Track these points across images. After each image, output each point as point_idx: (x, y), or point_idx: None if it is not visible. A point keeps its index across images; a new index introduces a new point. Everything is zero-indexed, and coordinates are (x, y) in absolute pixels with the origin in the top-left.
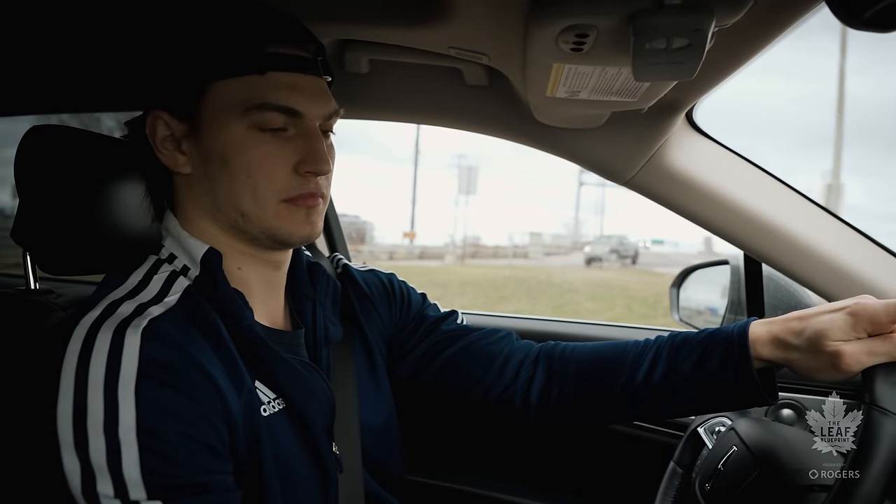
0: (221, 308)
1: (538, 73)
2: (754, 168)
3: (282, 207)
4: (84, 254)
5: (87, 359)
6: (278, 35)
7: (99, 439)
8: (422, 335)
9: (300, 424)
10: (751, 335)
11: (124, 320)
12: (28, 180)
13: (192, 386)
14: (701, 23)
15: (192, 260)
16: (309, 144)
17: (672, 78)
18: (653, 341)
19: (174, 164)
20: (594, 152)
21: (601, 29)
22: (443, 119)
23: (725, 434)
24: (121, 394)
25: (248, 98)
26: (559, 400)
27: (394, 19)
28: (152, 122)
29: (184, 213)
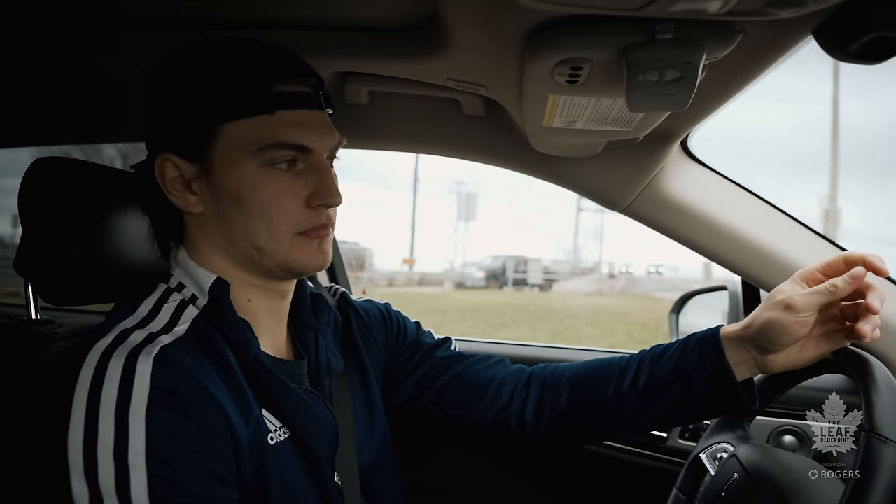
0: (229, 337)
1: (535, 104)
2: (749, 195)
3: (296, 240)
4: (86, 284)
5: (99, 384)
6: (283, 73)
7: (108, 464)
8: (417, 363)
9: (305, 453)
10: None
11: (136, 347)
12: (32, 211)
13: (202, 413)
14: (692, 56)
15: (201, 290)
16: (319, 178)
17: (665, 109)
18: (636, 354)
19: (185, 205)
20: (591, 180)
21: (595, 62)
22: (441, 148)
23: (727, 461)
24: (131, 420)
25: (260, 137)
26: (551, 417)
27: (393, 52)
28: (161, 165)
29: (194, 248)
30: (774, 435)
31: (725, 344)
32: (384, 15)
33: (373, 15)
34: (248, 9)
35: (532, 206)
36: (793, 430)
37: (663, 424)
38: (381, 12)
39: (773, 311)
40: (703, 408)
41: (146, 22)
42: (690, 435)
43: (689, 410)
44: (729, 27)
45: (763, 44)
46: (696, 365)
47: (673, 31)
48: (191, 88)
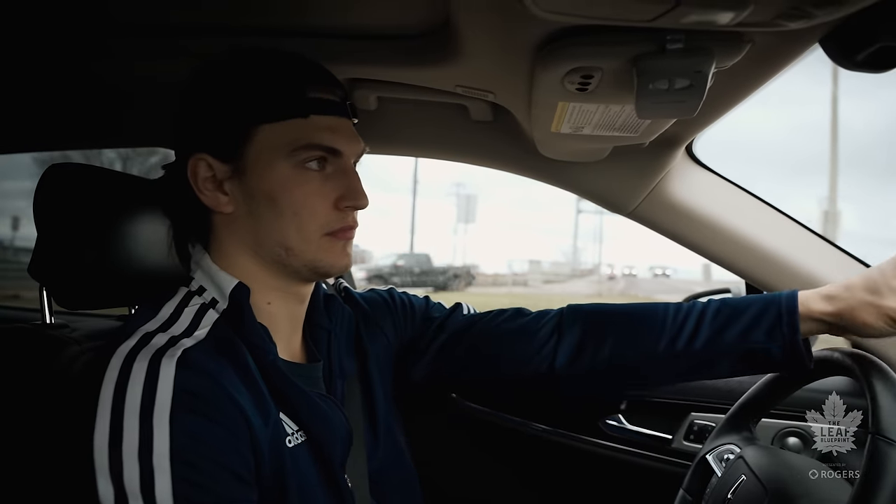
0: (247, 341)
1: (543, 110)
2: (754, 199)
3: (324, 241)
4: (100, 288)
5: (123, 386)
6: (316, 81)
7: (133, 465)
8: (431, 336)
9: (320, 456)
10: (801, 296)
11: (159, 350)
12: (47, 217)
13: (224, 416)
14: (702, 65)
15: (221, 293)
16: (348, 181)
17: (674, 116)
18: (692, 306)
19: (216, 205)
20: (597, 185)
21: (606, 70)
22: (448, 153)
23: (734, 462)
24: (156, 421)
25: (295, 140)
26: (591, 364)
27: (404, 59)
28: (194, 165)
29: (220, 249)
30: (779, 436)
31: (803, 319)
32: (395, 22)
33: (384, 22)
34: (254, 17)
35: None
36: (797, 431)
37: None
38: (393, 20)
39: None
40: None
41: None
42: (696, 437)
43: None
44: (738, 37)
45: (771, 52)
46: (766, 339)
47: (683, 41)
48: (229, 91)
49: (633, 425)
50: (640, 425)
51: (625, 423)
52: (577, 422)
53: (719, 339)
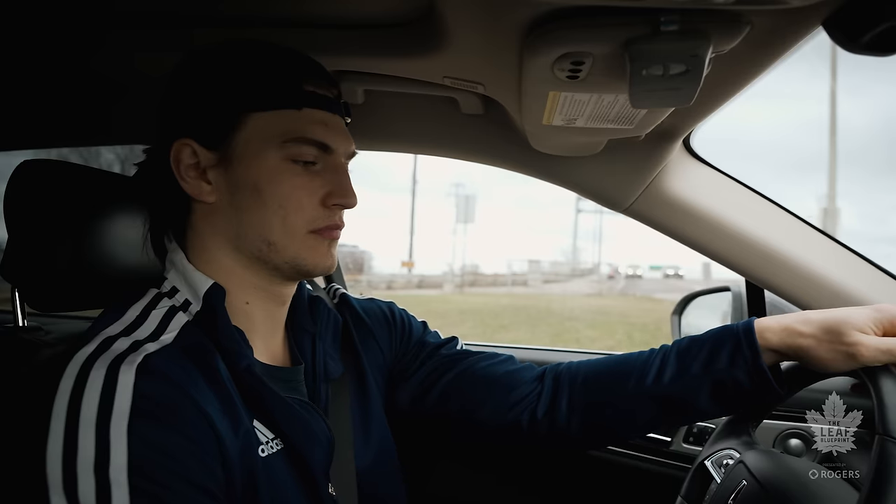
0: (220, 346)
1: (534, 101)
2: (753, 193)
3: (309, 238)
4: (74, 289)
5: (79, 396)
6: (312, 75)
7: (89, 480)
8: (421, 361)
9: (299, 465)
10: (757, 325)
11: (119, 356)
12: (18, 215)
13: (187, 424)
14: (698, 48)
15: (195, 294)
16: (337, 179)
17: (669, 105)
18: (659, 349)
19: (198, 193)
20: (592, 180)
21: (597, 56)
22: (439, 148)
23: (734, 468)
24: (113, 432)
25: (286, 131)
26: (568, 414)
27: (389, 50)
28: (178, 150)
29: (198, 243)
30: (780, 438)
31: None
32: (379, 11)
33: (367, 11)
34: (240, 7)
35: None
36: (798, 432)
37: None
38: (376, 8)
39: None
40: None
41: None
42: (695, 439)
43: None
44: (736, 18)
45: (771, 36)
46: (729, 365)
47: (678, 22)
48: (222, 77)
49: None
50: None
51: None
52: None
53: (685, 373)
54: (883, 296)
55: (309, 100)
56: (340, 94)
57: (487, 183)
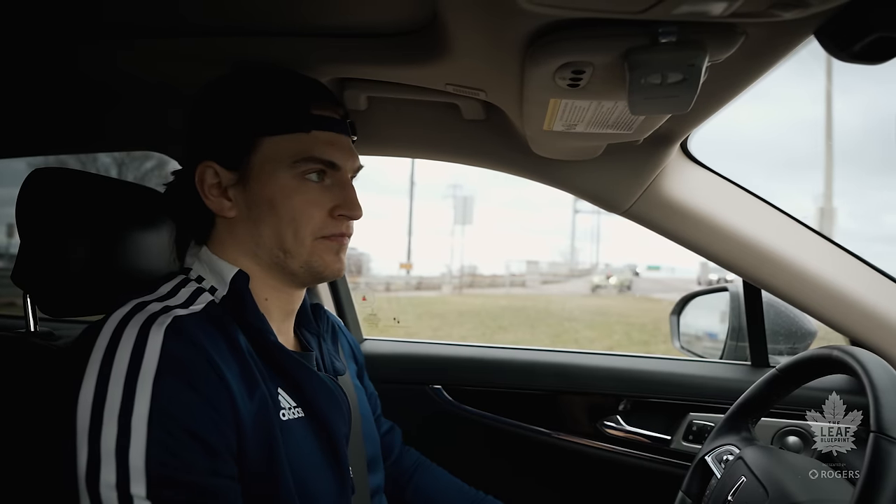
0: (247, 324)
1: (535, 107)
2: (750, 195)
3: (318, 243)
4: (85, 295)
5: (112, 352)
6: (319, 99)
7: (112, 426)
8: None
9: (322, 430)
10: None
11: (150, 317)
12: (30, 222)
13: (205, 385)
14: (695, 58)
15: (221, 280)
16: (344, 193)
17: (667, 111)
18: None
19: (220, 209)
20: (591, 183)
21: (597, 65)
22: (441, 153)
23: (734, 463)
24: (139, 385)
25: (297, 152)
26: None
27: (392, 58)
28: (202, 172)
29: (221, 251)
30: (778, 436)
31: None
32: (383, 20)
33: (371, 21)
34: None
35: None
36: (796, 430)
37: None
38: (380, 17)
39: None
40: None
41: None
42: (694, 437)
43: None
44: (731, 29)
45: (765, 45)
46: None
47: (676, 33)
48: (238, 105)
49: (632, 426)
50: (638, 426)
51: (623, 424)
52: (576, 423)
53: None
54: (879, 296)
55: (316, 122)
56: (347, 115)
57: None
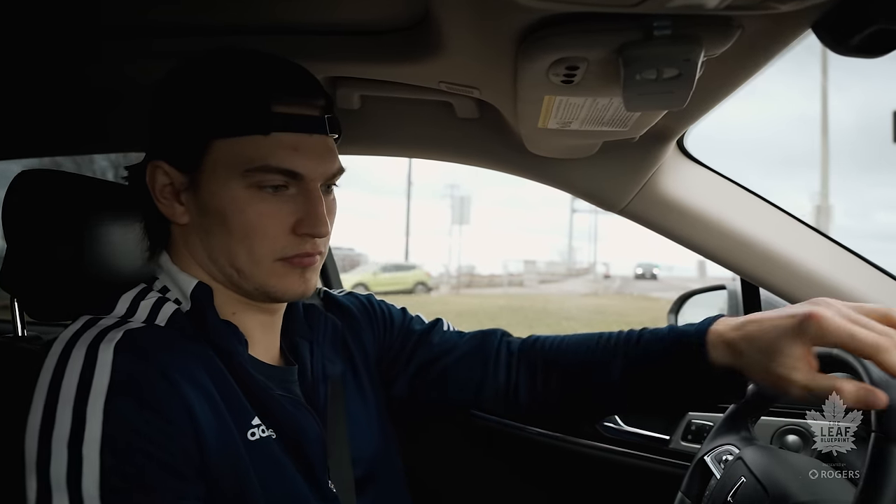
0: (212, 341)
1: (529, 105)
2: (747, 192)
3: (277, 266)
4: (74, 298)
5: (61, 374)
6: (286, 93)
7: (62, 455)
8: (410, 352)
9: (294, 453)
10: (708, 337)
11: (99, 334)
12: (17, 225)
13: (162, 402)
14: (690, 53)
15: (184, 294)
16: (308, 206)
17: (663, 107)
18: (624, 335)
19: (172, 214)
20: (587, 182)
21: (591, 61)
22: (435, 152)
23: (733, 464)
24: (90, 409)
25: (250, 158)
26: (545, 397)
27: (384, 55)
28: (152, 172)
29: (179, 257)
30: (778, 434)
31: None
32: (373, 17)
33: (361, 18)
34: (234, 15)
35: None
36: (796, 429)
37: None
38: (370, 15)
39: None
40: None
41: (131, 31)
42: (693, 437)
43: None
44: (727, 22)
45: (761, 39)
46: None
47: (671, 27)
48: (190, 100)
49: (630, 426)
50: (637, 426)
51: (622, 425)
52: (574, 424)
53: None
54: (878, 293)
55: (277, 123)
56: (329, 107)
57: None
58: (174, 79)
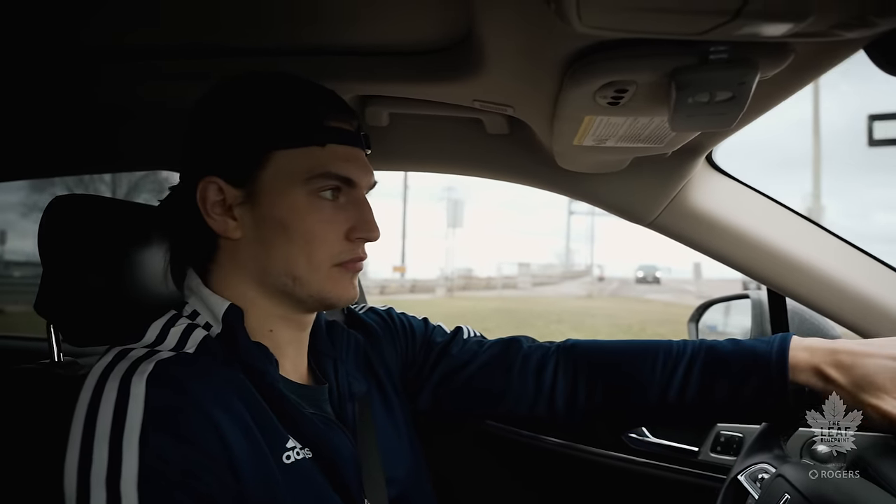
0: (244, 363)
1: (567, 124)
2: (774, 204)
3: (334, 271)
4: (110, 323)
5: (95, 409)
6: (333, 109)
7: (100, 493)
8: (433, 364)
9: (331, 474)
10: (791, 362)
11: (131, 366)
12: (53, 250)
13: (196, 432)
14: (746, 76)
15: (215, 317)
16: (361, 213)
17: (710, 128)
18: (684, 350)
19: (224, 230)
20: (617, 196)
21: (640, 83)
22: (462, 168)
23: (772, 481)
24: (125, 445)
25: (311, 167)
26: (586, 407)
27: (420, 76)
28: (204, 188)
29: (221, 275)
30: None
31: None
32: (411, 38)
33: (398, 39)
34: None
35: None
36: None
37: None
38: (409, 36)
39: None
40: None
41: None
42: (723, 448)
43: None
44: (784, 47)
45: (812, 60)
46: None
47: (727, 52)
48: (247, 115)
49: (658, 438)
50: (664, 437)
51: (648, 436)
52: (599, 435)
53: (709, 394)
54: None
55: (332, 135)
56: (360, 127)
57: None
58: (220, 97)
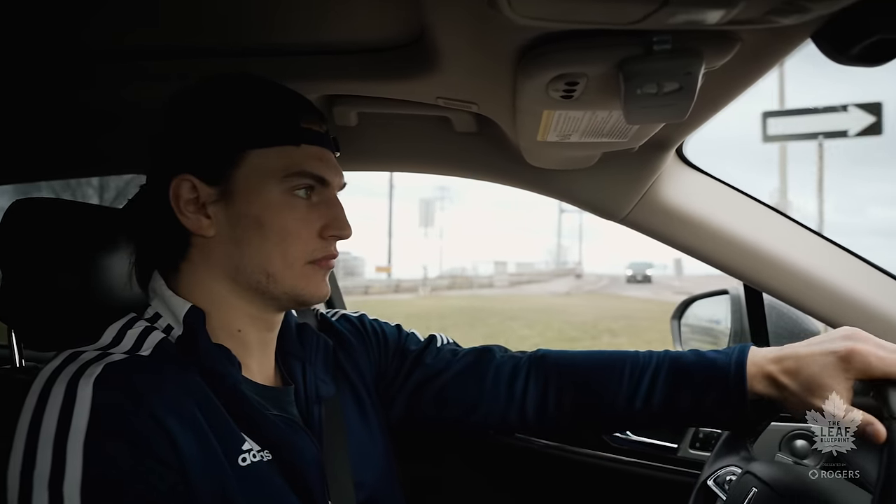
0: (203, 366)
1: (528, 119)
2: (746, 198)
3: (307, 269)
4: (72, 327)
5: (41, 413)
6: (307, 112)
7: (42, 495)
8: (407, 373)
9: (291, 475)
10: (749, 371)
11: (79, 369)
12: (12, 254)
13: (141, 438)
14: (691, 66)
15: (176, 319)
16: (334, 211)
17: (663, 120)
18: (649, 361)
19: (198, 228)
20: (587, 192)
21: (591, 76)
22: (433, 167)
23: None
24: (69, 448)
25: (287, 166)
26: (557, 414)
27: (382, 73)
28: (177, 186)
29: (192, 274)
30: (786, 440)
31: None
32: (371, 36)
33: (359, 37)
34: (234, 38)
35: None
36: (804, 433)
37: None
38: (368, 34)
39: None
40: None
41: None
42: (701, 444)
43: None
44: (727, 36)
45: (760, 50)
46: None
47: (671, 42)
48: (222, 114)
49: (638, 436)
50: (644, 435)
51: (629, 434)
52: (580, 434)
53: (673, 403)
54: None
55: (306, 136)
56: (328, 130)
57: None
58: (193, 98)
